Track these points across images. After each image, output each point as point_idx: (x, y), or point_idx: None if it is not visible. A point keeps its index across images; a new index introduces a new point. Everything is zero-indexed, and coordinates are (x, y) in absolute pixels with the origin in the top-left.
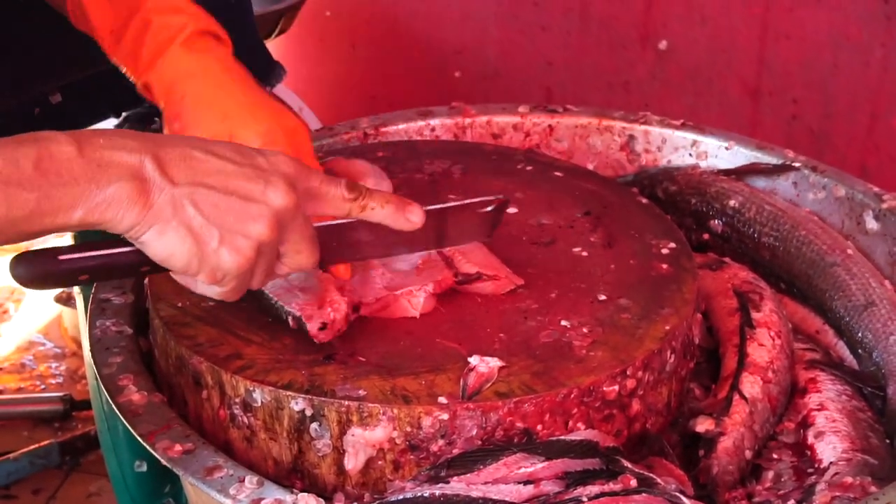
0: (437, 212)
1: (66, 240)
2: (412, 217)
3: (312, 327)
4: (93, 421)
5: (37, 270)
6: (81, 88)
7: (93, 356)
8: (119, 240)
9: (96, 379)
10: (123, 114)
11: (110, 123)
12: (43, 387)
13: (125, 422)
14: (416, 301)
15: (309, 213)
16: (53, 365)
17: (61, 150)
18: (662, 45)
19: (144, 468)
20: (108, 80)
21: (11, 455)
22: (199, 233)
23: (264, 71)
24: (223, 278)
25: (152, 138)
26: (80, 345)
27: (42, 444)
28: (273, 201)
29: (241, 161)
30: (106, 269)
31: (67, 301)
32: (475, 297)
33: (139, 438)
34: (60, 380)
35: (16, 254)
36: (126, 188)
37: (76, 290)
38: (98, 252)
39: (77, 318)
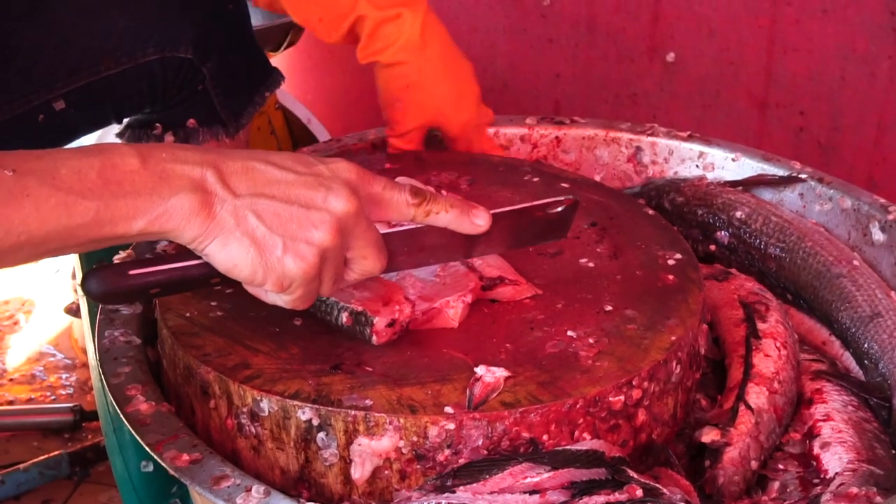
0: (506, 214)
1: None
2: (477, 220)
3: (380, 323)
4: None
5: (108, 286)
6: (84, 95)
7: (101, 366)
8: (187, 253)
9: (102, 384)
10: (125, 120)
11: (112, 130)
12: (53, 397)
13: (133, 432)
14: (455, 311)
15: (373, 219)
16: (64, 376)
17: (125, 161)
18: (670, 57)
19: (151, 468)
20: (111, 87)
21: (21, 465)
22: (262, 242)
23: (262, 77)
24: (290, 286)
25: (213, 152)
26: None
27: (52, 454)
28: (334, 208)
29: (302, 170)
30: (176, 283)
31: (77, 312)
32: (482, 307)
33: (147, 448)
34: (70, 390)
35: (89, 269)
36: (188, 199)
37: (83, 298)
38: (168, 266)
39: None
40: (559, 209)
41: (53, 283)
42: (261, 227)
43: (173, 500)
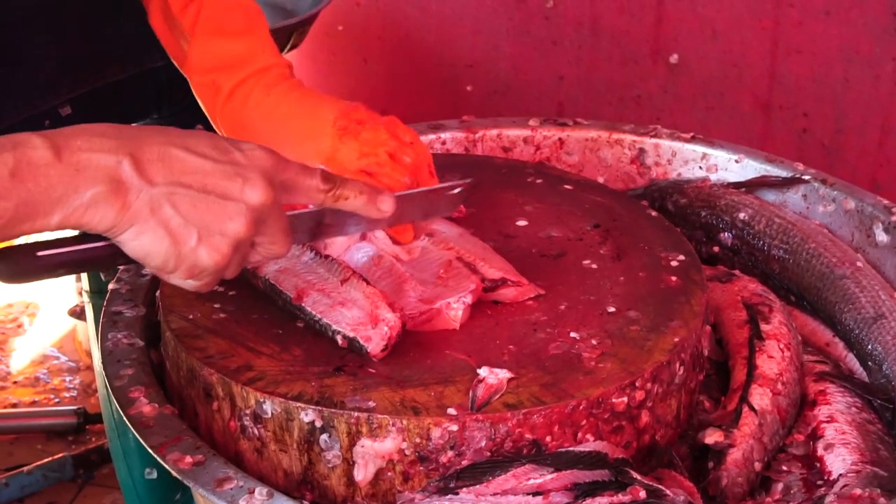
0: (409, 196)
1: None
2: (383, 206)
3: (375, 349)
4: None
5: (17, 267)
6: (91, 101)
7: (104, 369)
8: (96, 235)
9: (106, 387)
10: (133, 124)
11: None
12: (57, 400)
13: (136, 434)
14: (455, 313)
15: (285, 203)
16: (67, 378)
17: (38, 155)
18: (673, 59)
19: (155, 475)
20: (118, 93)
21: (25, 468)
22: (177, 232)
23: None
24: (199, 274)
25: (131, 135)
26: (93, 359)
27: (56, 457)
28: (250, 199)
29: (219, 158)
30: (82, 263)
31: (81, 315)
32: (485, 308)
33: (150, 450)
34: (74, 393)
35: None
36: (103, 192)
37: (86, 301)
38: (75, 248)
39: (90, 332)
40: (457, 191)
41: (57, 286)
42: (176, 218)
43: None
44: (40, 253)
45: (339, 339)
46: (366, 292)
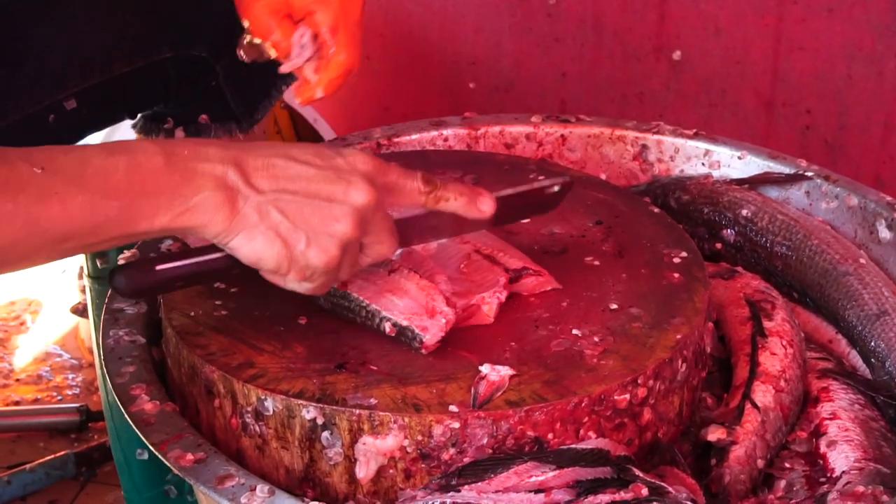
0: (509, 198)
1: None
2: (483, 206)
3: (431, 340)
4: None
5: (136, 282)
6: (97, 94)
7: (105, 366)
8: (210, 246)
9: (103, 370)
10: (139, 114)
11: (126, 125)
12: (59, 398)
13: (137, 431)
14: (490, 307)
15: (387, 206)
16: (70, 376)
17: (150, 160)
18: (676, 55)
19: (146, 456)
20: (124, 86)
21: (28, 466)
22: (287, 236)
23: (276, 72)
24: (311, 275)
25: (235, 147)
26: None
27: (58, 454)
28: (355, 200)
29: (322, 164)
30: (199, 276)
31: (84, 312)
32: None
33: (151, 448)
34: (77, 391)
35: (115, 267)
36: (212, 198)
37: (87, 286)
38: (192, 260)
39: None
40: (556, 189)
41: (60, 284)
42: (285, 223)
43: (168, 486)
44: (159, 267)
45: (387, 326)
46: (420, 284)
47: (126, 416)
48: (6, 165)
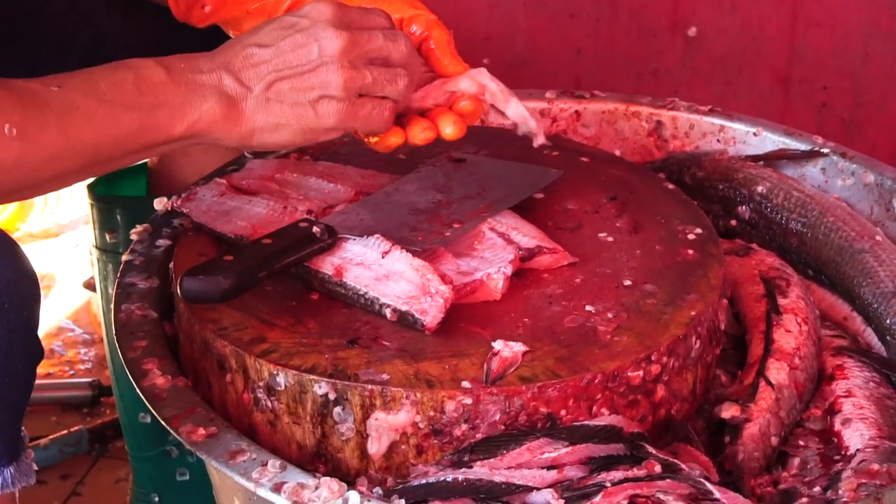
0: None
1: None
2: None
3: (432, 321)
4: None
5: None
6: None
7: (117, 341)
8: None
9: (112, 341)
10: None
11: None
12: (72, 372)
13: (149, 406)
14: (496, 283)
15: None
16: (82, 351)
17: (153, 73)
18: (692, 32)
19: (149, 420)
20: None
21: (41, 442)
22: (295, 117)
23: None
24: (335, 129)
25: (216, 54)
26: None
27: (72, 430)
28: (331, 51)
29: (288, 33)
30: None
31: (95, 287)
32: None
33: (163, 423)
34: (89, 366)
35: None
36: (217, 104)
37: (94, 257)
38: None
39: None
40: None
41: (73, 258)
42: (285, 105)
43: (170, 446)
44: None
45: (388, 312)
46: (413, 264)
47: (137, 390)
48: (22, 88)
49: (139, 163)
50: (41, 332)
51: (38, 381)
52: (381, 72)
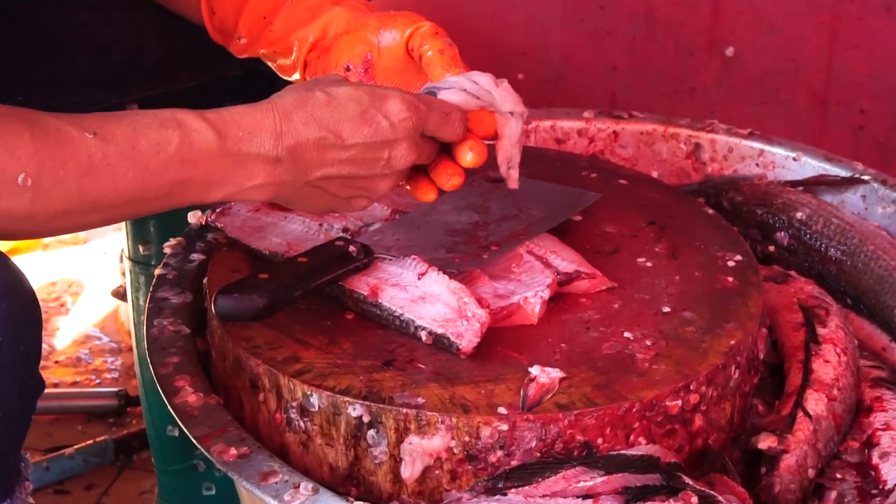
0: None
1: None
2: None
3: (468, 346)
4: None
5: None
6: (160, 103)
7: (149, 356)
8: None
9: (145, 356)
10: None
11: None
12: (98, 381)
13: (181, 424)
14: (533, 308)
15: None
16: (109, 359)
17: (202, 139)
18: (729, 51)
19: (176, 433)
20: (190, 99)
21: (66, 451)
22: (329, 202)
23: None
24: (352, 211)
25: (285, 126)
26: None
27: (97, 440)
28: (396, 165)
29: (370, 139)
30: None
31: (124, 295)
32: None
33: (194, 441)
34: (116, 375)
35: (219, 291)
36: (260, 187)
37: (126, 268)
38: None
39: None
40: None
41: (101, 266)
42: (324, 195)
43: (197, 460)
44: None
45: (423, 335)
46: (450, 287)
47: (169, 407)
48: (52, 131)
49: None
50: (68, 340)
51: (64, 390)
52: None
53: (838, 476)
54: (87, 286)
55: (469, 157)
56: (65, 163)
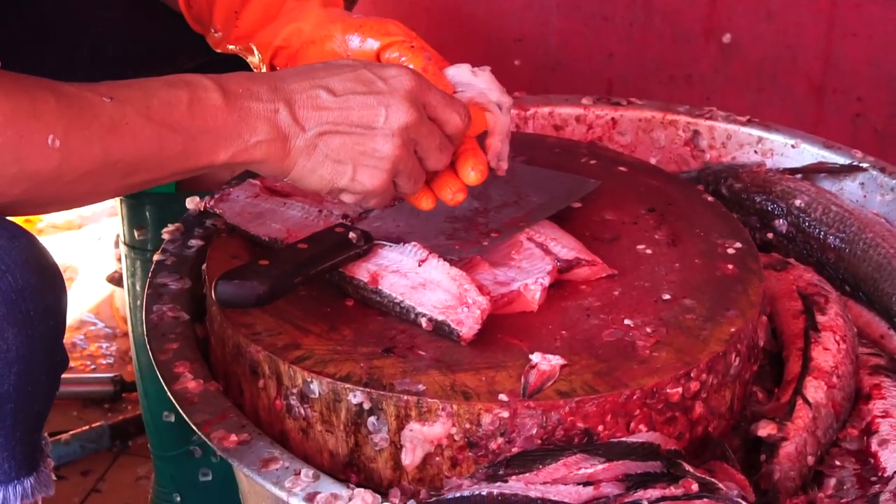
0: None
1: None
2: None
3: (468, 332)
4: None
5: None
6: None
7: (149, 342)
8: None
9: (141, 326)
10: None
11: None
12: (93, 367)
13: (180, 410)
14: (533, 295)
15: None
16: (104, 345)
17: (209, 96)
18: (726, 38)
19: (173, 419)
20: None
21: (63, 437)
22: (333, 172)
23: None
24: (366, 198)
25: (281, 83)
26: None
27: (93, 425)
28: (395, 123)
29: (362, 90)
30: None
31: (119, 281)
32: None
33: (194, 427)
34: (111, 360)
35: (219, 277)
36: (267, 138)
37: (123, 254)
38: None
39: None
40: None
41: (96, 251)
42: (328, 161)
43: (194, 446)
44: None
45: (423, 321)
46: (450, 274)
47: (168, 394)
48: (74, 96)
49: None
50: None
51: None
52: (415, 166)
53: (837, 463)
54: (81, 271)
55: (472, 175)
56: (90, 123)
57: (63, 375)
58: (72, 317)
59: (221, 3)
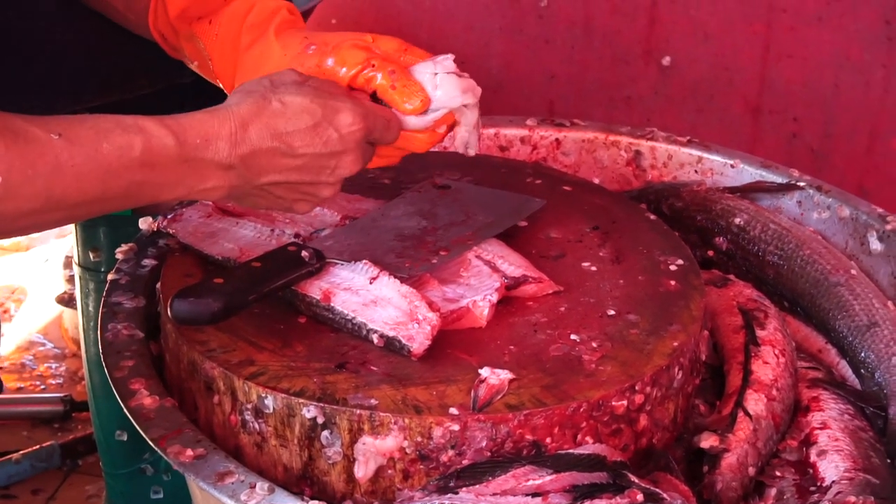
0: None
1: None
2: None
3: (419, 348)
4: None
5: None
6: (113, 110)
7: (104, 360)
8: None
9: (95, 346)
10: None
11: None
12: (43, 387)
13: (137, 426)
14: (482, 311)
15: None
16: (54, 365)
17: (162, 144)
18: (665, 60)
19: (125, 438)
20: (143, 107)
21: (13, 456)
22: (271, 203)
23: None
24: (296, 212)
25: (243, 133)
26: (80, 345)
27: (44, 445)
28: (340, 175)
29: (320, 150)
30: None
31: (69, 302)
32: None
33: (151, 443)
34: (60, 380)
35: (174, 296)
36: (213, 186)
37: (76, 275)
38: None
39: (77, 319)
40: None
41: (44, 272)
42: (270, 197)
43: (145, 464)
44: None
45: (375, 337)
46: (400, 291)
47: (125, 410)
48: (20, 132)
49: None
50: (12, 346)
51: (9, 396)
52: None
53: (778, 474)
54: (30, 293)
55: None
56: (34, 162)
57: (12, 396)
58: (21, 337)
59: (190, 48)
